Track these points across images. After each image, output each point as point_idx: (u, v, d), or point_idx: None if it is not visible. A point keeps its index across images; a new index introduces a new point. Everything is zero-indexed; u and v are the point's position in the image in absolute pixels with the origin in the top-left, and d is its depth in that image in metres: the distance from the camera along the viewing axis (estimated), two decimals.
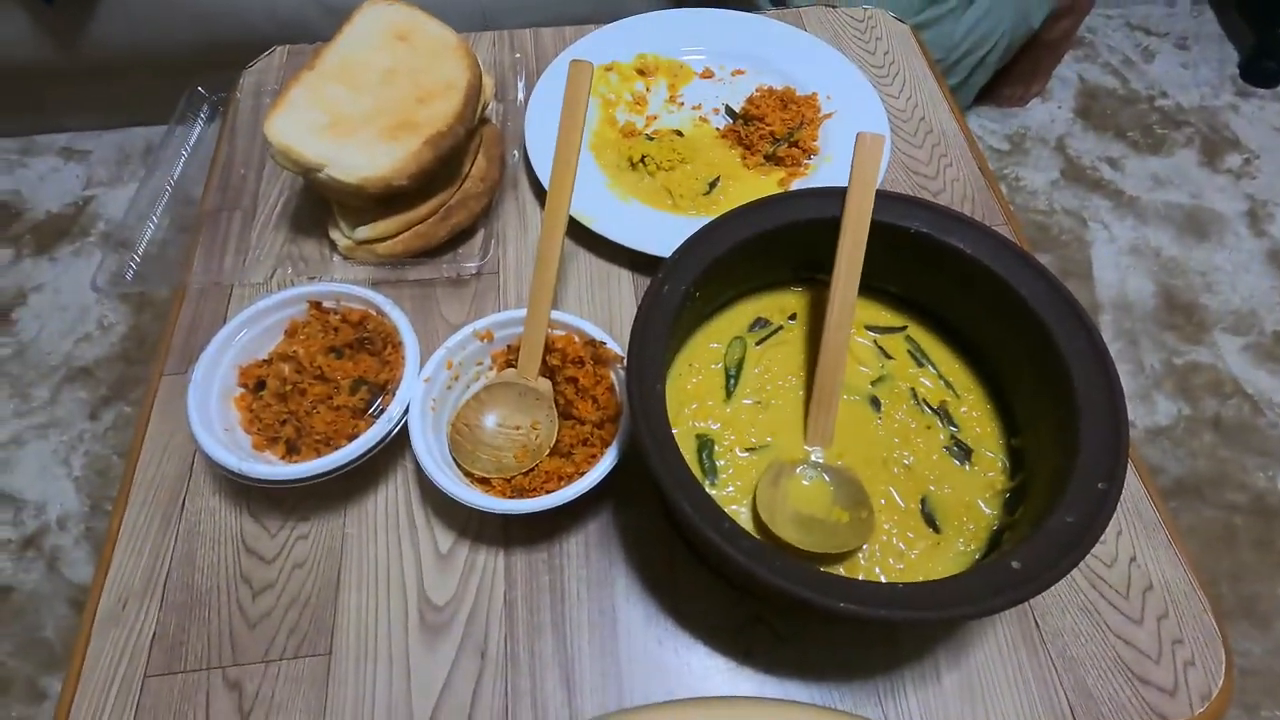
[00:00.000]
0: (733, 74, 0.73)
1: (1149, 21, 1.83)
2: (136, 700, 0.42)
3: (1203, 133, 1.61)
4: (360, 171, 0.52)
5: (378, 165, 0.52)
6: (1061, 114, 1.64)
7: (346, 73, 0.57)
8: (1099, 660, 0.43)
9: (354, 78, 0.57)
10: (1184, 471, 1.18)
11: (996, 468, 0.44)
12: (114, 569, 0.46)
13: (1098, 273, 1.40)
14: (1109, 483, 0.36)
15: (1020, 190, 1.53)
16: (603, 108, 0.70)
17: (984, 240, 0.44)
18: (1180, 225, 1.47)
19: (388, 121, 0.55)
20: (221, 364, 0.48)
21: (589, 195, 0.62)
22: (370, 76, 0.57)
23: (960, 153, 0.68)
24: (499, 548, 0.46)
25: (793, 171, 0.65)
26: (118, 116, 1.58)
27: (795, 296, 0.51)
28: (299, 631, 0.44)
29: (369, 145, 0.53)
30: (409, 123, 0.54)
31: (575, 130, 0.46)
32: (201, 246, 0.61)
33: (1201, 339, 1.32)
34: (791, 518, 0.41)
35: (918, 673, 0.43)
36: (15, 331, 1.31)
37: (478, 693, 0.42)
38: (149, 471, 0.49)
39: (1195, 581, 0.46)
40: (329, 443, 0.46)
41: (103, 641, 0.43)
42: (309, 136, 0.53)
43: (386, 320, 0.49)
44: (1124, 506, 0.48)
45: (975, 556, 0.41)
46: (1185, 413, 1.24)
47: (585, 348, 0.48)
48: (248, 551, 0.46)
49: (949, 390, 0.47)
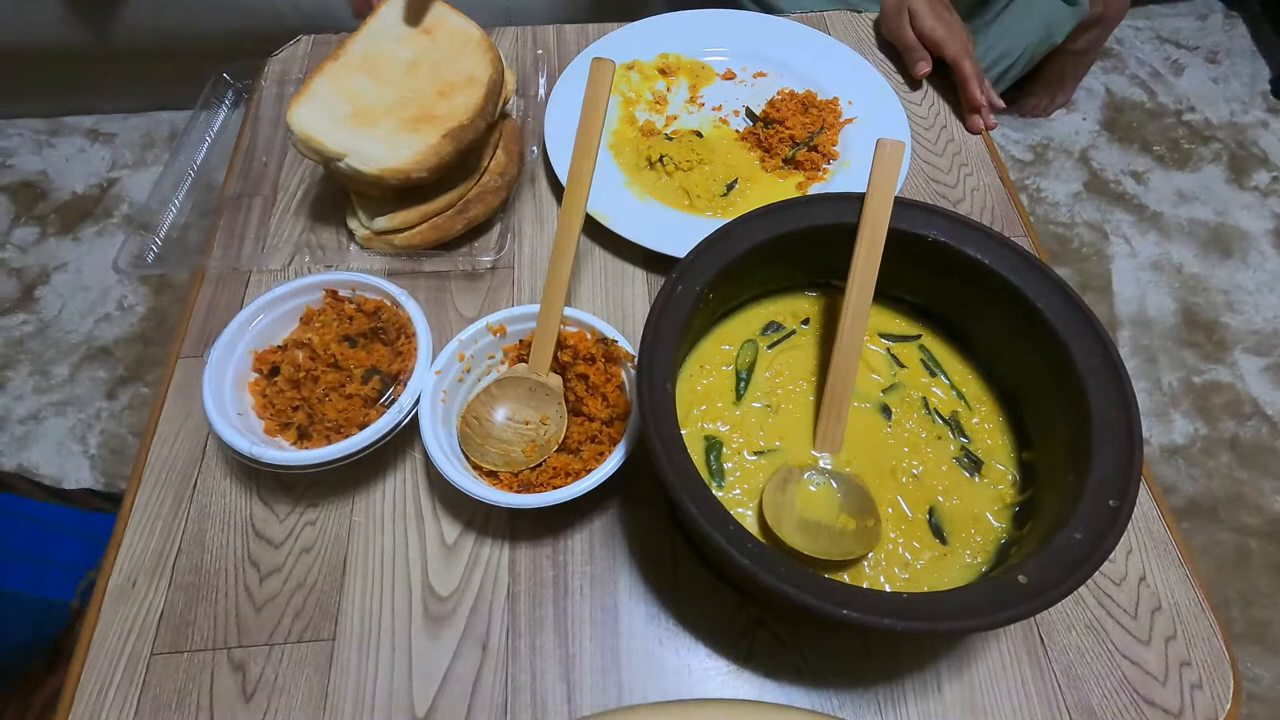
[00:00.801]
0: (754, 76, 0.73)
1: (1179, 35, 1.80)
2: (143, 677, 0.42)
3: (1230, 149, 1.59)
4: (380, 163, 0.53)
5: (398, 157, 0.53)
6: (1086, 126, 1.62)
7: (370, 64, 0.57)
8: (1104, 679, 0.43)
9: (377, 69, 0.57)
10: (1198, 492, 1.17)
11: (1006, 481, 0.44)
12: (125, 547, 0.46)
13: (1117, 287, 1.39)
14: (1120, 500, 0.35)
15: (1041, 201, 1.51)
16: (623, 106, 0.70)
17: (1002, 251, 0.44)
18: (1204, 242, 1.44)
19: (409, 113, 0.55)
20: (237, 349, 0.48)
21: (606, 193, 0.62)
22: (393, 68, 0.58)
23: (981, 162, 0.68)
24: (504, 541, 0.47)
25: (811, 176, 0.65)
26: (144, 101, 1.60)
27: (809, 301, 0.51)
28: (304, 616, 0.44)
29: (390, 137, 0.54)
30: (430, 115, 0.55)
31: (595, 128, 0.46)
32: (222, 231, 0.62)
33: (1221, 358, 1.30)
34: (797, 523, 0.41)
35: (919, 684, 0.42)
36: (38, 310, 1.34)
37: (478, 684, 0.42)
38: (163, 452, 0.50)
39: (1206, 603, 0.45)
40: (340, 430, 0.46)
41: (112, 617, 0.44)
42: (331, 126, 0.54)
43: (401, 311, 0.50)
44: (1135, 525, 0.48)
45: (982, 569, 0.41)
46: (1202, 432, 1.22)
47: (597, 345, 0.48)
48: (256, 535, 0.47)
49: (961, 401, 0.47)
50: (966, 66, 0.70)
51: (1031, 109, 1.62)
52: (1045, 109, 1.62)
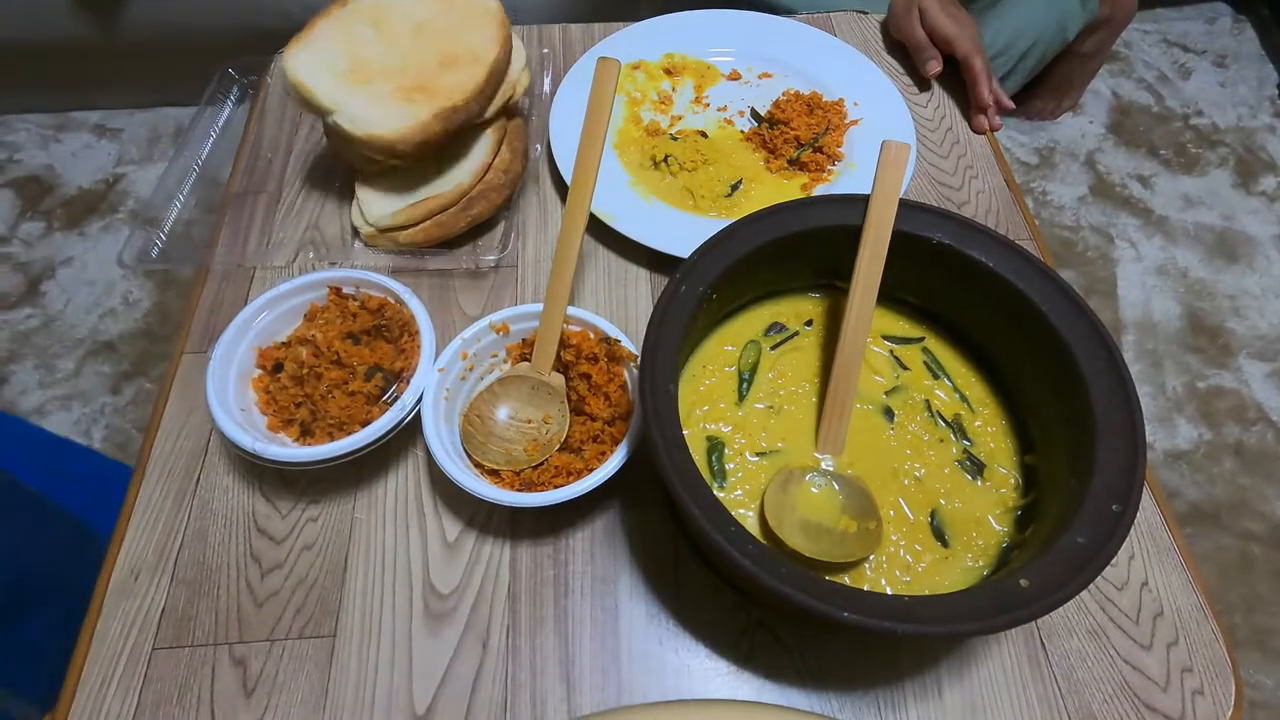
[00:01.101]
0: (760, 77, 0.72)
1: (1187, 38, 1.79)
2: (144, 671, 0.42)
3: (1238, 153, 1.58)
4: (366, 126, 0.52)
5: (386, 124, 0.52)
6: (1093, 129, 1.62)
7: (377, 17, 0.57)
8: (1105, 684, 0.42)
9: (384, 24, 0.56)
10: (1202, 497, 1.16)
11: (1009, 484, 0.43)
12: (128, 541, 0.47)
13: (1122, 291, 1.38)
14: (1123, 505, 0.35)
15: (1047, 205, 1.51)
16: (628, 106, 0.70)
17: (1006, 254, 0.44)
18: (1210, 247, 1.44)
19: (405, 81, 0.54)
20: (241, 345, 0.48)
21: (610, 192, 0.62)
22: (400, 26, 0.57)
23: (987, 164, 0.68)
24: (505, 539, 0.47)
25: (816, 177, 0.65)
26: (150, 96, 1.61)
27: (813, 303, 0.51)
28: (305, 612, 0.44)
29: (382, 100, 0.53)
30: (426, 87, 0.54)
31: (600, 127, 0.46)
32: (226, 228, 0.62)
33: (1226, 363, 1.29)
34: (799, 525, 0.41)
35: (919, 687, 0.42)
36: (43, 304, 1.34)
37: (478, 683, 0.42)
38: (166, 447, 0.50)
39: (1208, 610, 0.45)
40: (342, 427, 0.46)
41: (114, 611, 0.44)
42: (325, 78, 0.53)
43: (404, 309, 0.50)
44: (1138, 530, 0.48)
45: (983, 573, 0.40)
46: (1206, 438, 1.22)
47: (600, 344, 0.48)
48: (258, 531, 0.47)
49: (964, 404, 0.46)
50: (976, 64, 0.69)
51: (1038, 112, 1.62)
52: (1052, 112, 1.61)
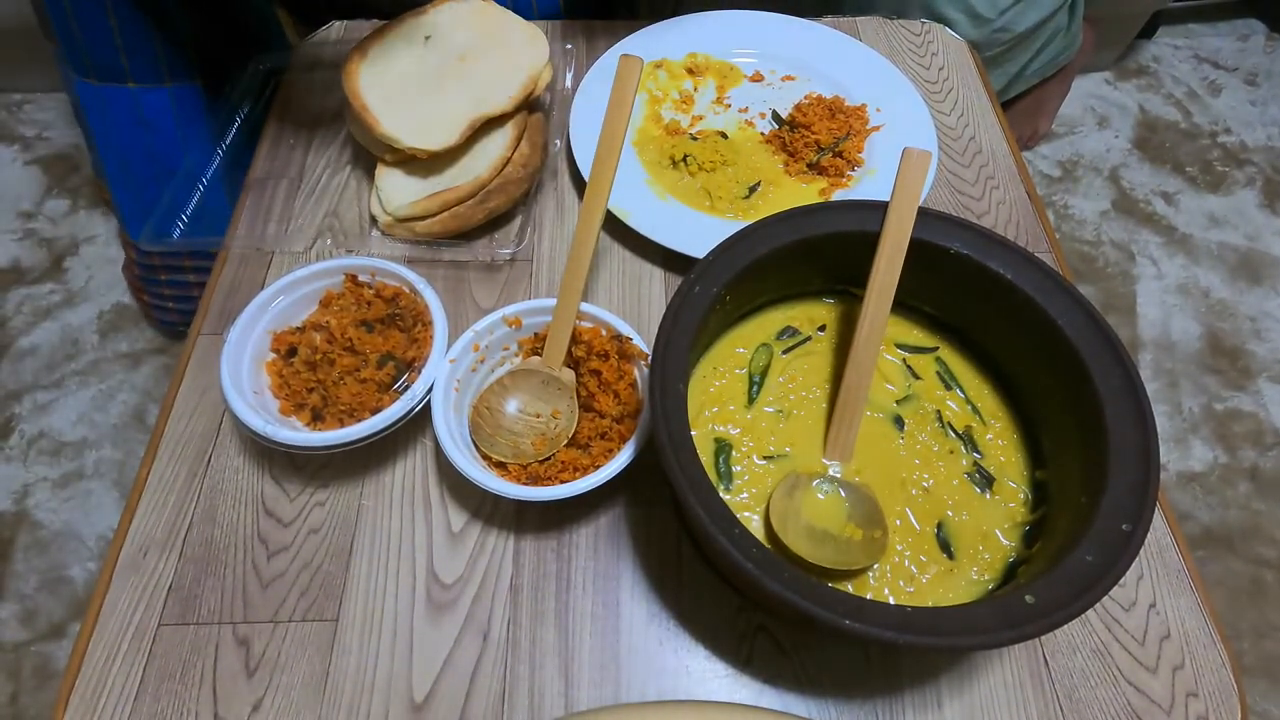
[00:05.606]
0: (783, 79, 0.72)
1: (1219, 55, 1.77)
2: (149, 647, 0.43)
3: (1266, 174, 1.55)
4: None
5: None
6: (1118, 144, 1.60)
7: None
8: (1107, 705, 0.42)
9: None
10: (1214, 521, 1.15)
11: (1018, 499, 0.43)
12: (138, 518, 0.47)
13: (1142, 309, 1.36)
14: (1134, 525, 0.35)
15: (1068, 218, 1.49)
16: (649, 104, 0.70)
17: (1025, 266, 0.43)
18: (1233, 267, 1.42)
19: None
20: (256, 328, 0.49)
21: (628, 190, 0.62)
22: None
23: (1008, 176, 0.67)
24: (510, 532, 0.47)
25: (835, 182, 0.64)
26: None
27: (826, 308, 0.50)
28: (309, 595, 0.44)
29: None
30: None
31: (620, 124, 0.46)
32: (246, 212, 0.62)
33: (1245, 386, 1.28)
34: (804, 530, 0.41)
35: (919, 698, 0.42)
36: (65, 280, 1.36)
37: (477, 674, 0.42)
38: (179, 426, 0.51)
39: (1217, 634, 0.44)
40: (353, 414, 0.47)
41: (122, 586, 0.45)
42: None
43: (419, 298, 0.50)
44: (1148, 550, 0.47)
45: (989, 587, 0.40)
46: (1221, 460, 1.20)
47: (611, 342, 0.48)
48: (266, 513, 0.47)
49: (975, 416, 0.46)
50: None
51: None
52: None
